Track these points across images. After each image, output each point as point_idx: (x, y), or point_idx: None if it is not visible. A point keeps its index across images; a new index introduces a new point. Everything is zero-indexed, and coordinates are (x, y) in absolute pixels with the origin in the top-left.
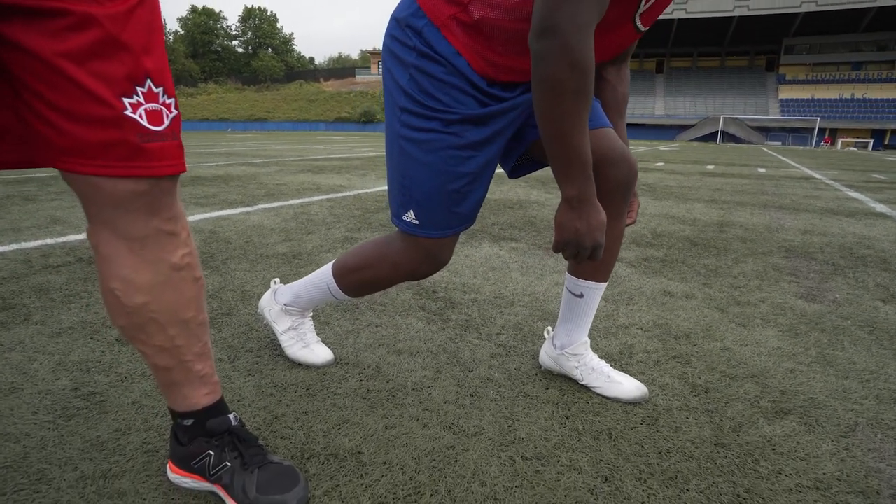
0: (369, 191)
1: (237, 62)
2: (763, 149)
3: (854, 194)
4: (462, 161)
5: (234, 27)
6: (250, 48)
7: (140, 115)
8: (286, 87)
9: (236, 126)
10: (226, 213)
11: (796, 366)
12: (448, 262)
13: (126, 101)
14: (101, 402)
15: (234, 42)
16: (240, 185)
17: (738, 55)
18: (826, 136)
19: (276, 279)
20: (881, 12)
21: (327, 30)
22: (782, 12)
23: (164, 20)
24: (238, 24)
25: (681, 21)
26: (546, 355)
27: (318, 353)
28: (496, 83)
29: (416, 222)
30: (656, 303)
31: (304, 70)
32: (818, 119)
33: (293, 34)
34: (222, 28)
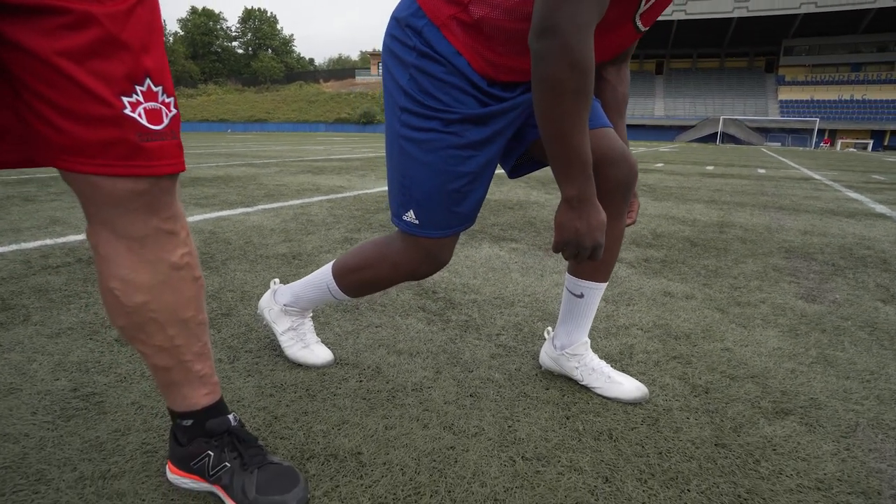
0: (369, 191)
1: (237, 63)
2: (762, 150)
3: (854, 195)
4: (462, 161)
5: (233, 28)
6: (250, 49)
7: (139, 114)
8: (286, 88)
9: (236, 127)
10: (225, 213)
11: (797, 366)
12: (448, 262)
13: (125, 99)
14: (100, 402)
15: (234, 43)
16: (240, 186)
17: (737, 56)
18: (825, 137)
19: (276, 279)
20: (880, 13)
21: (327, 31)
22: (781, 13)
23: (164, 21)
24: (238, 25)
25: (680, 22)
26: (546, 356)
27: (318, 353)
28: (496, 83)
29: (416, 222)
30: (656, 303)
31: (304, 71)
32: (817, 120)
33: (293, 35)
34: (222, 29)
